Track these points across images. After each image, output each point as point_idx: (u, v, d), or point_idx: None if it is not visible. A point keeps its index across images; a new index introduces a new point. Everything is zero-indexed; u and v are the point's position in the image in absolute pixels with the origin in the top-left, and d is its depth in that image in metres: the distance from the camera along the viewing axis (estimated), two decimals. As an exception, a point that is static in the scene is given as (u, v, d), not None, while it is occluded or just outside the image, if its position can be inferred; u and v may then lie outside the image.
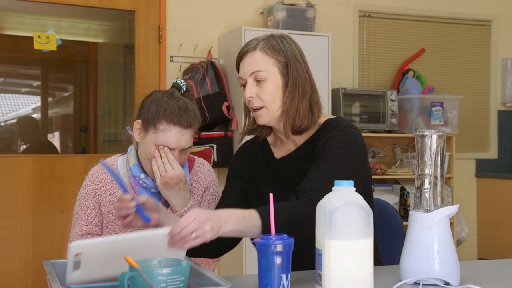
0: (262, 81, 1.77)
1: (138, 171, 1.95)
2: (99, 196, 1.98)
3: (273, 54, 1.78)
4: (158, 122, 1.87)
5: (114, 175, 1.67)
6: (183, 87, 1.96)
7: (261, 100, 1.78)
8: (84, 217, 1.99)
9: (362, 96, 4.53)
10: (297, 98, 1.77)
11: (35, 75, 4.77)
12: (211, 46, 4.28)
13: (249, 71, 1.78)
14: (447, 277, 1.54)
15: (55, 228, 3.84)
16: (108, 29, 4.73)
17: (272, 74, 1.77)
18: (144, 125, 1.92)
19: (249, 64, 1.79)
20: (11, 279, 3.84)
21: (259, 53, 1.78)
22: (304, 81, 1.79)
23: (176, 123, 1.87)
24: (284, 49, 1.79)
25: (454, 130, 4.77)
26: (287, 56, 1.78)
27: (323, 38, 4.23)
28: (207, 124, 4.05)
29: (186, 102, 1.92)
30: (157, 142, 1.88)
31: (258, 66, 1.77)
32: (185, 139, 1.89)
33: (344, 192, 1.35)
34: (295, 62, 1.79)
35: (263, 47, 1.79)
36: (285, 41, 1.82)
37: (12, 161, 3.92)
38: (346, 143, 1.73)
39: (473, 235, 5.16)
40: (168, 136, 1.87)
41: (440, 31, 5.11)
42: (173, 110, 1.87)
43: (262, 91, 1.77)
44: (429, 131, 1.56)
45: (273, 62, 1.77)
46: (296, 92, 1.77)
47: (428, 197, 1.57)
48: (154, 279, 1.28)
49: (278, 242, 1.30)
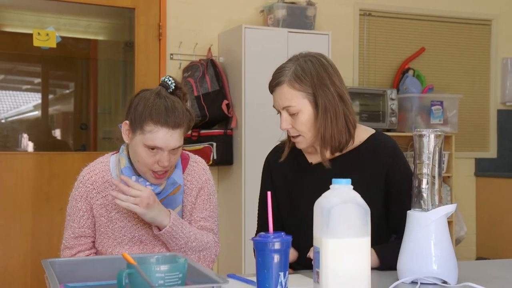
0: (295, 114, 1.81)
1: (129, 173, 1.91)
2: (91, 199, 1.96)
3: (300, 88, 1.80)
4: (144, 123, 1.82)
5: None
6: (171, 85, 1.89)
7: (297, 130, 1.82)
8: (76, 220, 1.97)
9: (362, 95, 4.53)
10: (330, 123, 1.81)
11: (36, 72, 4.77)
12: (211, 44, 4.28)
13: (280, 106, 1.83)
14: (444, 276, 1.54)
15: (54, 226, 3.84)
16: (108, 27, 4.73)
17: (303, 107, 1.80)
18: (131, 126, 1.87)
19: (279, 98, 1.82)
20: (10, 277, 3.84)
21: (287, 88, 1.80)
22: (335, 105, 1.81)
23: (163, 124, 1.81)
24: (311, 77, 1.80)
25: (453, 129, 4.77)
26: (314, 85, 1.80)
27: (323, 37, 4.23)
28: (206, 122, 4.05)
29: (174, 101, 1.86)
30: (145, 143, 1.83)
31: (288, 102, 1.80)
32: (174, 139, 1.83)
33: (341, 190, 1.35)
34: (323, 89, 1.80)
35: (290, 81, 1.80)
36: (312, 65, 1.82)
37: (12, 158, 3.92)
38: (409, 168, 1.86)
39: (472, 234, 5.16)
40: (155, 137, 1.82)
41: (440, 30, 5.10)
42: (160, 110, 1.82)
43: (296, 123, 1.82)
44: (427, 131, 1.57)
45: (302, 94, 1.80)
46: (328, 118, 1.80)
47: (426, 196, 1.57)
48: (152, 276, 1.28)
49: (276, 240, 1.30)
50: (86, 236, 1.98)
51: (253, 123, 3.96)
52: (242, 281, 1.56)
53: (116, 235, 1.95)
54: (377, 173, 1.84)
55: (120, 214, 1.94)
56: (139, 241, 1.95)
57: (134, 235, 1.95)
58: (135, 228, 1.95)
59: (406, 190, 1.73)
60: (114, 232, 1.95)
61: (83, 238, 1.98)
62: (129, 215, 1.94)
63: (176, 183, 1.94)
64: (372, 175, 1.83)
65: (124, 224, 1.94)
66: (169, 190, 1.93)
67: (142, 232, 1.95)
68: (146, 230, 1.95)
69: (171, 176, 1.93)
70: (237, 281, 1.58)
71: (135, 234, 1.95)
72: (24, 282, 3.84)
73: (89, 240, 1.99)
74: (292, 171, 1.94)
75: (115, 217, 1.95)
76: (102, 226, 1.96)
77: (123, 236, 1.95)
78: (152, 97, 1.85)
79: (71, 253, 1.98)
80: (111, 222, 1.95)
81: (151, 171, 1.87)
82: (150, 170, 1.86)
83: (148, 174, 1.88)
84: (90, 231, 1.98)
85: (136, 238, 1.95)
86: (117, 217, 1.94)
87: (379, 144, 1.87)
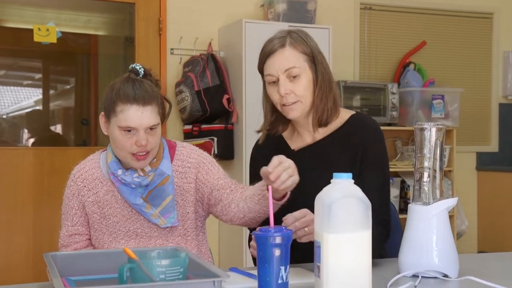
0: (296, 76, 1.81)
1: (116, 167, 1.90)
2: (82, 197, 1.95)
3: (301, 49, 1.83)
4: (115, 105, 1.82)
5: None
6: (140, 70, 1.89)
7: (296, 95, 1.82)
8: (69, 218, 1.97)
9: (362, 89, 4.53)
10: (325, 92, 1.85)
11: (36, 67, 4.77)
12: (212, 38, 4.28)
13: (282, 68, 1.81)
14: (445, 269, 1.54)
15: (55, 221, 3.81)
16: (108, 22, 4.72)
17: (304, 69, 1.83)
18: (106, 115, 1.88)
19: (280, 61, 1.82)
20: (12, 271, 3.85)
21: (290, 49, 1.82)
22: (329, 75, 1.87)
23: (132, 101, 1.80)
24: (309, 43, 1.85)
25: (455, 123, 4.77)
26: (312, 51, 1.84)
27: (324, 31, 4.22)
28: (207, 117, 4.05)
29: (142, 81, 1.86)
30: (119, 125, 1.82)
31: (292, 63, 1.81)
32: (146, 116, 1.81)
33: (342, 184, 1.35)
34: (320, 56, 1.86)
35: (291, 42, 1.83)
36: (307, 36, 1.88)
37: (13, 153, 3.92)
38: (384, 146, 1.89)
39: (474, 228, 5.16)
40: (127, 116, 1.80)
41: (442, 23, 5.09)
42: (127, 90, 1.82)
43: (296, 87, 1.81)
44: (428, 124, 1.57)
45: (303, 57, 1.83)
46: (324, 86, 1.84)
47: (427, 190, 1.57)
48: (153, 270, 1.29)
49: (277, 234, 1.30)
50: (80, 234, 1.98)
51: (253, 117, 3.96)
52: (244, 274, 1.57)
53: (111, 230, 1.95)
54: (354, 154, 1.86)
55: (113, 209, 1.94)
56: (134, 234, 1.94)
57: (129, 228, 1.94)
58: (129, 222, 1.94)
59: (375, 172, 1.80)
60: (108, 228, 1.94)
61: (77, 236, 1.98)
62: (122, 209, 1.94)
63: (164, 173, 1.91)
64: (351, 156, 1.86)
65: (118, 219, 1.94)
66: (157, 181, 1.91)
67: (137, 225, 1.94)
68: (140, 223, 1.94)
69: (158, 167, 1.91)
70: (239, 274, 1.58)
71: (130, 227, 1.94)
72: (26, 276, 3.85)
73: (84, 237, 1.99)
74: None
75: (108, 213, 1.94)
76: (95, 222, 1.95)
77: (118, 230, 1.94)
78: (119, 82, 1.87)
79: (67, 251, 1.97)
80: (104, 218, 1.94)
81: (131, 154, 1.84)
82: (129, 153, 1.84)
83: (129, 158, 1.86)
84: (84, 229, 1.98)
85: (131, 232, 1.94)
86: (110, 212, 1.94)
87: (360, 125, 1.89)
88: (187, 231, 1.97)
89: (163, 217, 1.92)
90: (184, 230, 1.97)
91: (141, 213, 1.92)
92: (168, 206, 1.92)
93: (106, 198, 1.94)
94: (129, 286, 1.26)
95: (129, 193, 1.90)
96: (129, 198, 1.91)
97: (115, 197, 1.94)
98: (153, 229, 1.94)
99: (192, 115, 4.03)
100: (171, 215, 1.93)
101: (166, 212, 1.92)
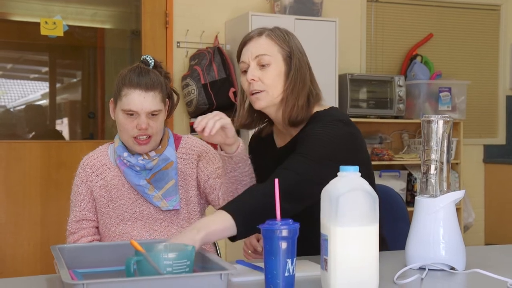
0: (266, 65, 1.80)
1: (122, 150, 1.98)
2: (90, 182, 2.02)
3: (278, 42, 1.82)
4: (121, 90, 1.92)
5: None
6: (150, 61, 1.99)
7: (263, 84, 1.80)
8: (77, 204, 2.03)
9: (369, 82, 4.51)
10: (297, 88, 1.80)
11: (43, 61, 4.79)
12: (218, 32, 4.27)
13: (253, 55, 1.81)
14: (452, 262, 1.54)
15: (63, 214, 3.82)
16: (115, 15, 4.72)
17: (276, 60, 1.81)
18: (114, 101, 1.98)
19: (253, 47, 1.82)
20: (20, 264, 3.87)
21: (265, 38, 1.83)
22: (305, 73, 1.83)
23: (136, 86, 1.90)
24: (289, 40, 1.84)
25: (462, 115, 4.75)
26: (291, 46, 1.83)
27: (331, 24, 4.21)
28: (213, 110, 4.04)
29: (149, 70, 1.95)
30: (122, 108, 1.92)
31: (263, 50, 1.80)
32: (148, 101, 1.90)
33: (349, 177, 1.35)
34: (298, 53, 1.83)
35: (269, 34, 1.84)
36: (290, 34, 1.87)
37: (20, 147, 3.94)
38: (326, 133, 1.72)
39: (481, 221, 5.15)
40: (130, 100, 1.90)
41: (448, 16, 5.07)
42: (133, 76, 1.92)
43: (264, 75, 1.80)
44: (435, 117, 1.56)
45: (278, 49, 1.81)
46: (298, 82, 1.80)
47: (434, 183, 1.57)
48: (160, 263, 1.29)
49: (284, 227, 1.30)
50: (88, 220, 2.02)
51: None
52: (251, 267, 1.57)
53: (118, 212, 2.00)
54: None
55: (120, 192, 2.00)
56: (140, 216, 2.00)
57: (136, 210, 2.00)
58: (135, 204, 2.00)
59: (297, 154, 1.69)
60: (115, 211, 2.00)
61: (85, 221, 2.02)
62: (128, 192, 2.00)
63: (169, 159, 1.99)
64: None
65: (124, 201, 2.00)
66: (162, 165, 1.98)
67: (143, 207, 2.00)
68: (146, 205, 2.00)
69: (163, 153, 1.98)
70: (245, 267, 1.58)
71: (136, 209, 2.00)
72: (34, 269, 3.87)
73: (91, 224, 2.03)
74: (264, 156, 1.95)
75: (115, 196, 2.00)
76: (103, 206, 2.01)
77: (125, 212, 1.99)
78: (128, 69, 1.96)
79: (74, 239, 2.02)
80: (111, 201, 2.00)
81: (132, 138, 1.93)
82: (131, 137, 1.93)
83: (131, 142, 1.94)
84: (92, 215, 2.03)
85: (137, 213, 2.00)
86: (117, 195, 2.00)
87: (315, 116, 1.81)
88: (191, 214, 2.03)
89: (165, 199, 1.98)
90: (188, 214, 2.02)
91: (143, 195, 1.98)
92: (171, 190, 1.98)
93: (113, 182, 2.00)
94: (136, 279, 1.26)
95: (133, 175, 1.97)
96: (133, 180, 1.97)
97: (121, 181, 2.00)
98: (158, 211, 2.00)
99: (198, 108, 4.03)
100: (173, 198, 1.98)
101: (168, 195, 1.98)
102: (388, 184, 2.31)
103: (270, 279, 1.31)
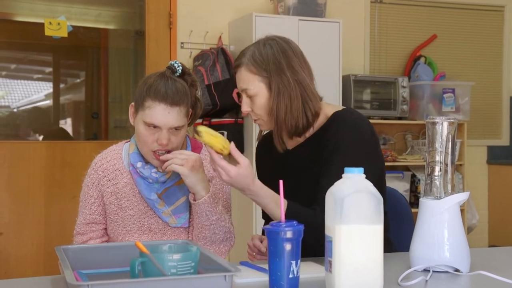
0: (253, 96, 1.84)
1: (136, 159, 1.91)
2: (102, 186, 1.96)
3: (256, 71, 1.83)
4: (144, 100, 1.83)
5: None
6: (178, 69, 1.90)
7: (255, 114, 1.86)
8: (87, 206, 1.98)
9: (373, 83, 4.51)
10: (283, 106, 1.81)
11: (47, 61, 4.79)
12: (222, 32, 4.28)
13: (240, 88, 1.88)
14: (457, 264, 1.54)
15: (67, 214, 3.86)
16: (119, 15, 4.73)
17: (260, 90, 1.84)
18: (135, 107, 1.90)
19: (239, 81, 1.88)
20: (23, 264, 3.87)
21: (244, 72, 1.85)
22: (290, 89, 1.81)
23: (161, 100, 1.81)
24: (267, 62, 1.82)
25: (465, 116, 4.74)
26: (269, 69, 1.82)
27: (334, 24, 4.21)
28: (217, 110, 4.05)
29: (176, 81, 1.87)
30: (144, 120, 1.83)
31: (245, 85, 1.85)
32: (172, 117, 1.82)
33: (354, 179, 1.35)
34: (278, 73, 1.82)
35: (247, 64, 1.84)
36: (271, 49, 1.84)
37: (24, 147, 3.94)
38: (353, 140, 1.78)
39: (484, 222, 5.14)
40: (153, 113, 1.81)
41: (452, 17, 5.06)
42: (159, 88, 1.82)
43: (254, 106, 1.86)
44: (440, 118, 1.56)
45: (258, 78, 1.83)
46: (281, 101, 1.81)
47: (439, 184, 1.57)
48: (165, 264, 1.29)
49: (288, 228, 1.30)
50: (97, 223, 1.99)
51: (264, 111, 3.96)
52: (255, 269, 1.57)
53: (126, 223, 1.95)
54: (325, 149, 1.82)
55: (130, 202, 1.94)
56: (148, 230, 1.95)
57: (143, 223, 1.95)
58: (144, 217, 1.95)
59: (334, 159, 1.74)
60: (123, 220, 1.95)
61: (94, 224, 1.99)
62: (138, 203, 1.94)
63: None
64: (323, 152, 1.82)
65: (133, 212, 1.94)
66: (175, 179, 1.91)
67: (151, 221, 1.95)
68: (155, 219, 1.95)
69: None
70: (250, 269, 1.58)
71: (144, 222, 1.95)
72: (37, 270, 3.88)
73: (100, 227, 2.00)
74: (273, 159, 1.96)
75: (125, 205, 1.94)
76: (112, 213, 1.96)
77: (132, 224, 1.95)
78: (154, 77, 1.88)
79: (82, 239, 1.99)
80: (120, 210, 1.95)
81: (152, 152, 1.85)
82: (151, 151, 1.85)
83: (149, 155, 1.87)
84: (101, 218, 1.99)
85: (145, 227, 1.95)
86: (126, 205, 1.94)
87: (335, 119, 1.84)
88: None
89: (175, 216, 1.93)
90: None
91: (153, 209, 1.93)
92: (181, 207, 1.93)
93: (125, 190, 1.94)
94: (141, 280, 1.26)
95: (145, 187, 1.91)
96: (144, 192, 1.91)
97: (133, 190, 1.94)
98: (166, 227, 1.95)
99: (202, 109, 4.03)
100: (183, 216, 1.94)
101: (178, 212, 1.93)
102: (392, 185, 2.30)
103: (275, 281, 1.31)
